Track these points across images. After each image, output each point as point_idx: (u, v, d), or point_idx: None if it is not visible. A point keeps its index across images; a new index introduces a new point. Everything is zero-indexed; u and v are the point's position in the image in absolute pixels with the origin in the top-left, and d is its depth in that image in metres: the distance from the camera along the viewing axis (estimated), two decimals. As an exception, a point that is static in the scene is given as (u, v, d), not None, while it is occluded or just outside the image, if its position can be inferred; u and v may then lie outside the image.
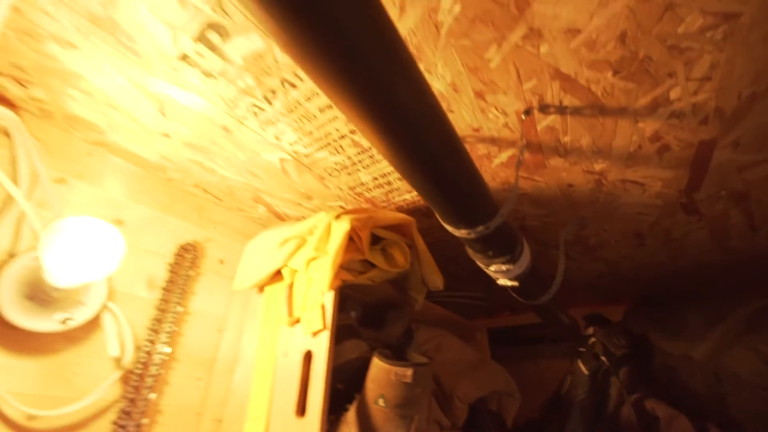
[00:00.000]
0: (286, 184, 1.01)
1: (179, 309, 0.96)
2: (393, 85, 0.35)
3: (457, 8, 0.52)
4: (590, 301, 1.70)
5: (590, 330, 1.31)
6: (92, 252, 0.67)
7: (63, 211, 0.83)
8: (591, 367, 1.16)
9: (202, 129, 0.83)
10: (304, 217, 1.17)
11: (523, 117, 0.68)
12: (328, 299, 0.77)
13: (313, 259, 0.80)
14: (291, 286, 0.88)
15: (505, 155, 0.81)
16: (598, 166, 0.81)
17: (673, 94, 0.61)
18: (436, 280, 0.93)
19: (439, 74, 0.62)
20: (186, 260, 1.03)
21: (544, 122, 0.70)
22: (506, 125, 0.72)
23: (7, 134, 0.80)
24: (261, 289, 0.99)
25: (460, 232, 0.61)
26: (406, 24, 0.55)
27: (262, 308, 0.96)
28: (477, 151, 0.80)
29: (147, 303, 0.93)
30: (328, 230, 0.79)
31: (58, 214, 0.82)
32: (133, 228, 0.95)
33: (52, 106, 0.82)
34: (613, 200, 0.92)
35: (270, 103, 0.73)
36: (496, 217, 0.59)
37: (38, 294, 0.71)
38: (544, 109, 0.67)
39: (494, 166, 0.85)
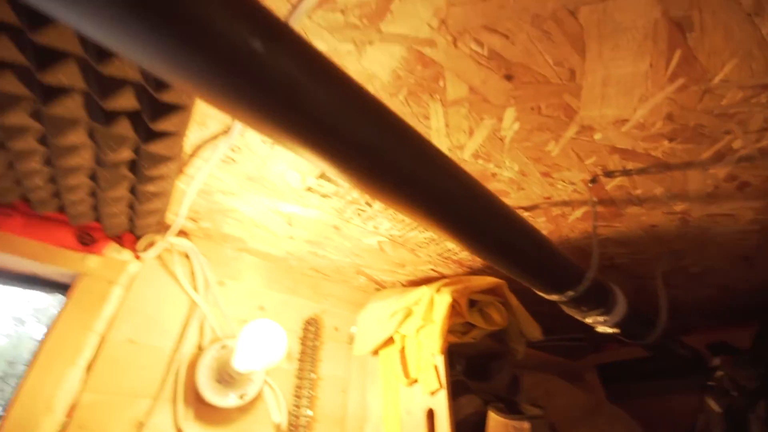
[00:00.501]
0: (383, 259, 1.18)
1: (313, 376, 1.15)
2: (454, 200, 0.48)
3: (516, 125, 0.65)
4: (710, 326, 1.56)
5: (716, 361, 1.22)
6: (266, 345, 0.88)
7: (226, 308, 1.09)
8: (724, 404, 1.08)
9: (318, 230, 1.05)
10: (399, 282, 1.32)
11: (590, 185, 0.77)
12: (440, 361, 0.89)
13: (422, 327, 0.93)
14: (402, 350, 1.02)
15: (579, 212, 0.88)
16: (678, 207, 0.84)
17: (736, 145, 0.66)
18: (534, 332, 1.00)
19: (508, 167, 0.75)
20: (310, 332, 1.23)
21: (611, 183, 0.78)
22: (575, 191, 0.81)
23: (186, 256, 1.10)
24: (375, 352, 1.14)
25: (551, 297, 0.70)
26: (476, 141, 0.69)
27: (380, 370, 1.10)
28: (551, 213, 0.89)
29: (289, 374, 1.14)
30: (431, 303, 0.92)
31: (223, 310, 1.08)
32: (272, 312, 1.19)
33: (213, 231, 1.11)
34: (703, 232, 0.92)
35: (370, 206, 0.92)
36: (583, 282, 0.67)
37: (224, 377, 0.95)
38: (609, 174, 0.75)
39: (570, 222, 0.92)
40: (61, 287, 1.00)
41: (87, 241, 0.98)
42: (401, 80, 0.59)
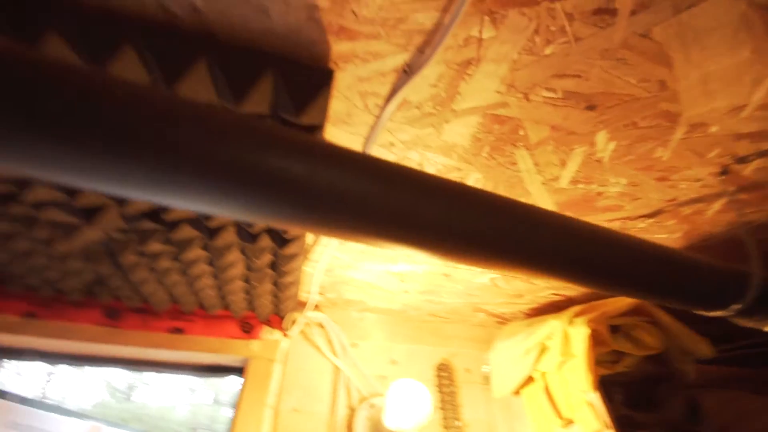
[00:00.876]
0: (497, 293, 1.17)
1: (458, 423, 1.16)
2: (547, 247, 0.48)
3: (611, 145, 0.63)
4: None
5: None
6: (412, 405, 0.94)
7: (364, 367, 1.18)
8: None
9: (429, 280, 1.09)
10: (521, 312, 1.28)
11: (722, 176, 0.68)
12: (594, 399, 0.83)
13: (563, 362, 0.88)
14: (546, 388, 0.97)
15: (717, 204, 0.77)
16: None
17: None
18: (701, 348, 0.86)
19: (613, 183, 0.71)
20: (444, 378, 1.25)
21: (749, 168, 0.68)
22: (704, 185, 0.72)
23: (321, 326, 1.24)
24: (517, 392, 1.11)
25: (715, 314, 0.62)
26: (570, 170, 0.68)
27: (527, 411, 1.06)
28: (681, 213, 0.80)
29: (434, 423, 1.16)
30: (566, 337, 0.88)
31: (362, 370, 1.17)
32: (404, 364, 1.25)
33: (338, 299, 1.24)
34: None
35: (475, 249, 0.94)
36: (749, 289, 0.59)
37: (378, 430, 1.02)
38: (742, 160, 0.66)
39: (710, 216, 0.81)
40: (229, 370, 1.22)
41: (248, 329, 1.18)
42: (481, 141, 0.63)
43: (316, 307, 1.25)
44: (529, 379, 1.04)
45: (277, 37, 0.46)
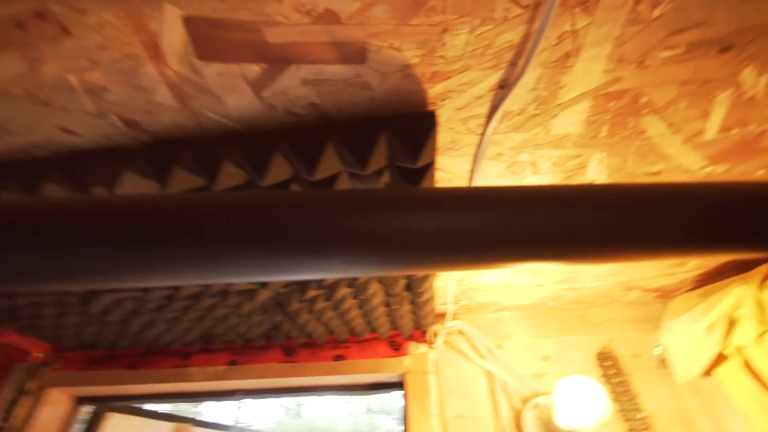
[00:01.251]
0: (650, 266, 1.04)
1: (641, 414, 1.05)
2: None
3: (762, 80, 0.53)
4: None
5: None
6: (586, 402, 0.90)
7: (516, 367, 1.17)
8: None
9: (564, 269, 1.04)
10: (687, 280, 1.11)
11: None
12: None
13: (762, 333, 0.74)
14: (747, 364, 0.83)
15: None
16: None
17: None
18: None
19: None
20: (608, 367, 1.15)
21: None
22: None
23: (462, 333, 1.27)
24: (707, 373, 0.96)
25: None
26: (716, 118, 0.59)
27: (731, 392, 0.92)
28: None
29: (612, 418, 1.07)
30: (760, 304, 0.74)
31: (515, 371, 1.16)
32: (557, 358, 1.20)
33: (471, 305, 1.26)
34: None
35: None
36: None
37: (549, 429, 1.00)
38: None
39: None
40: (386, 386, 1.33)
41: (396, 346, 1.28)
42: (597, 122, 0.59)
43: (453, 317, 1.29)
44: (721, 357, 0.89)
45: (381, 102, 0.52)
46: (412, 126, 0.52)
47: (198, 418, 1.98)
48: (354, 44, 0.45)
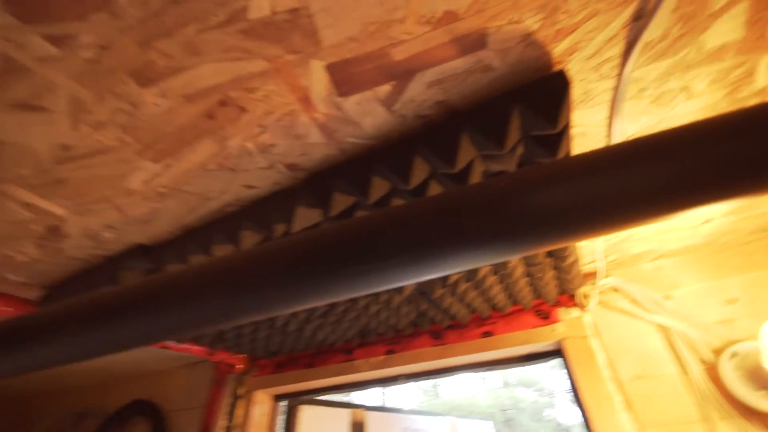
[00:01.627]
0: None
1: None
2: None
3: None
4: None
5: None
6: None
7: (695, 317, 1.04)
8: None
9: (739, 196, 0.88)
10: None
11: None
12: None
13: None
14: None
15: None
16: None
17: None
18: None
19: None
20: (828, 299, 0.94)
21: None
22: None
23: (617, 289, 1.18)
24: None
25: None
26: None
27: None
28: None
29: None
30: None
31: (696, 320, 1.03)
32: (747, 299, 1.02)
33: (622, 258, 1.15)
34: None
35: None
36: None
37: (761, 382, 0.86)
38: None
39: None
40: (541, 356, 1.30)
41: (544, 315, 1.25)
42: (762, 20, 0.49)
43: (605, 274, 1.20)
44: None
45: (504, 78, 0.52)
46: (543, 91, 0.51)
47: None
48: (474, 33, 0.46)
